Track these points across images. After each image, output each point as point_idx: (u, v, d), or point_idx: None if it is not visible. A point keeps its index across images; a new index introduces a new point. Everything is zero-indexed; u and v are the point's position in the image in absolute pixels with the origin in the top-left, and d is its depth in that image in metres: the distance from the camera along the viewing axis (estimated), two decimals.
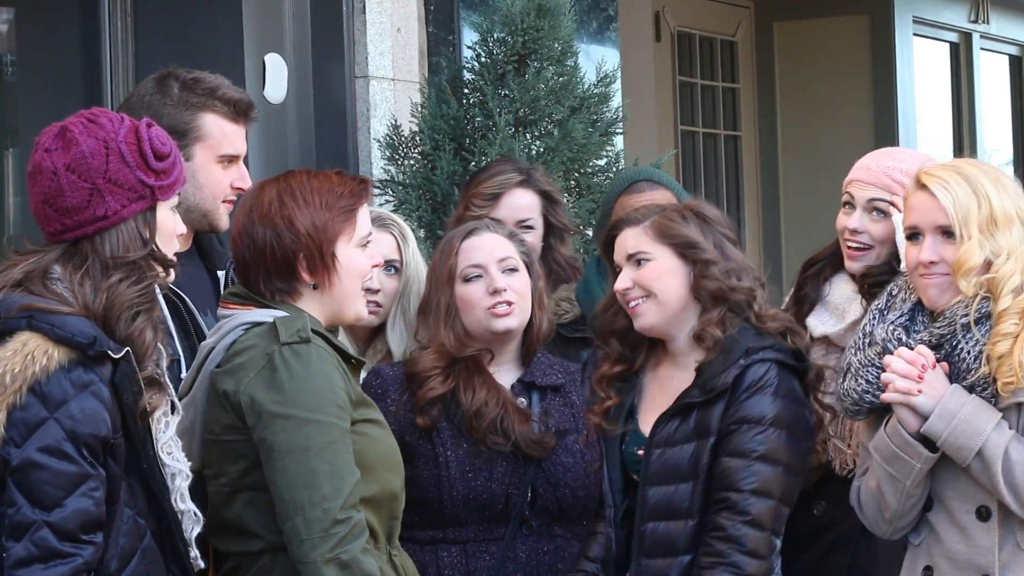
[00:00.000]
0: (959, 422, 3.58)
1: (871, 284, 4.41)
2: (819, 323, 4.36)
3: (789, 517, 3.92)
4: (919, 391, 3.61)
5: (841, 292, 4.51)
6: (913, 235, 3.73)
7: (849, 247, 4.41)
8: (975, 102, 11.98)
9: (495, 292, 4.13)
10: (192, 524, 3.40)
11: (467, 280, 4.15)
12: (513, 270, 4.18)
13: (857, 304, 4.46)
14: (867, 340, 3.78)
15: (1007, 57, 12.68)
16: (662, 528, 3.83)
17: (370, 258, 3.67)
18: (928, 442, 3.64)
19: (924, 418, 3.63)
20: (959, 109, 12.01)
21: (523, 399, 4.16)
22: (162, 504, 3.33)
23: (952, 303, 3.67)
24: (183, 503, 3.38)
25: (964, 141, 11.99)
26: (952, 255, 3.64)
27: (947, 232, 3.65)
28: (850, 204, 4.44)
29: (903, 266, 4.06)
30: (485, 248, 4.18)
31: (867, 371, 3.74)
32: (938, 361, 3.66)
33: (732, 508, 3.75)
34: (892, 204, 4.34)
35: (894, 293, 3.82)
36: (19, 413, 3.12)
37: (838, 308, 4.51)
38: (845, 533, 4.46)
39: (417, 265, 4.48)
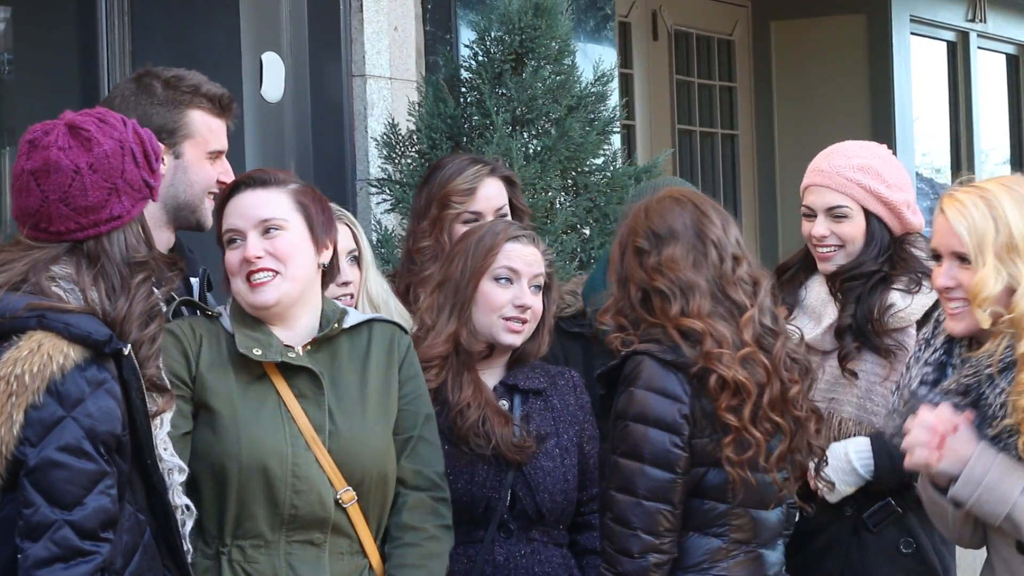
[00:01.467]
0: (983, 490, 3.50)
1: (843, 282, 4.45)
2: (798, 328, 4.37)
3: None
4: (938, 459, 3.53)
5: (816, 295, 4.54)
6: (936, 257, 3.67)
7: (819, 251, 4.46)
8: (972, 101, 11.97)
9: (520, 307, 4.14)
10: (186, 519, 3.42)
11: (497, 280, 4.15)
12: (539, 288, 4.20)
13: (831, 306, 4.47)
14: (904, 379, 3.74)
15: (1004, 56, 12.67)
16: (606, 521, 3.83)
17: None
18: None
19: (952, 477, 3.55)
20: (956, 108, 12.00)
21: (505, 401, 4.16)
22: (163, 500, 3.33)
23: (979, 352, 3.58)
24: (179, 498, 3.40)
25: (961, 140, 11.98)
26: (969, 280, 3.54)
27: (963, 257, 3.56)
28: (810, 214, 4.49)
29: None
30: (526, 260, 4.18)
31: (893, 417, 3.73)
32: (965, 407, 3.58)
33: (604, 504, 3.75)
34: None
35: (940, 319, 3.73)
36: (35, 413, 3.09)
37: (815, 312, 4.53)
38: (836, 535, 4.46)
39: (369, 250, 4.51)
